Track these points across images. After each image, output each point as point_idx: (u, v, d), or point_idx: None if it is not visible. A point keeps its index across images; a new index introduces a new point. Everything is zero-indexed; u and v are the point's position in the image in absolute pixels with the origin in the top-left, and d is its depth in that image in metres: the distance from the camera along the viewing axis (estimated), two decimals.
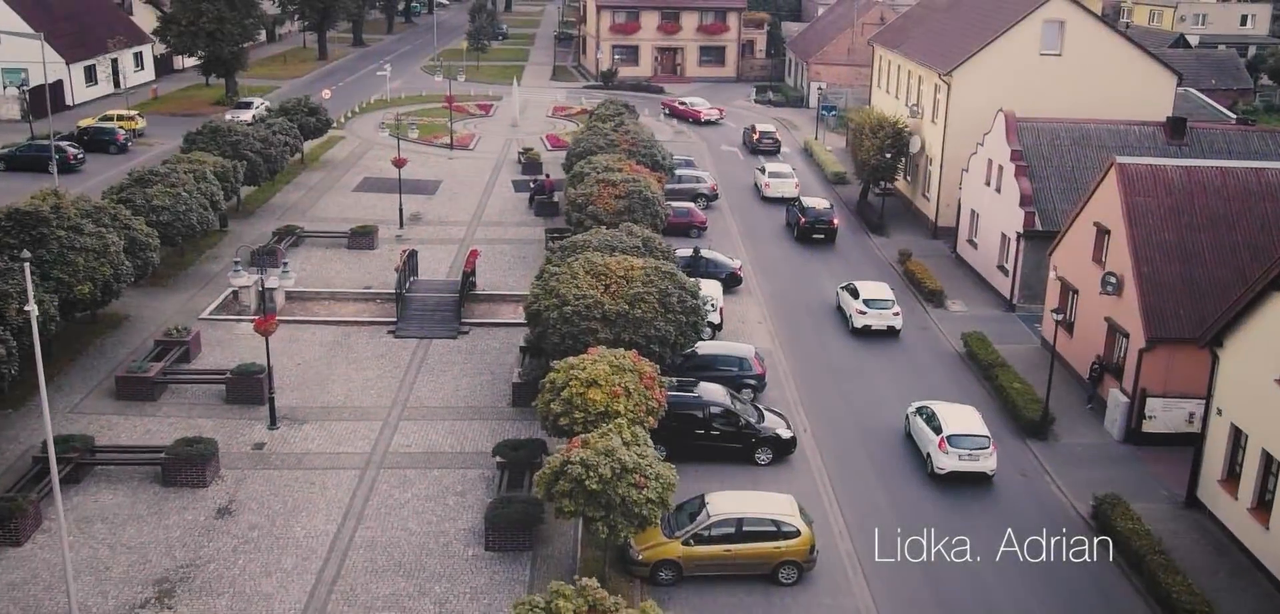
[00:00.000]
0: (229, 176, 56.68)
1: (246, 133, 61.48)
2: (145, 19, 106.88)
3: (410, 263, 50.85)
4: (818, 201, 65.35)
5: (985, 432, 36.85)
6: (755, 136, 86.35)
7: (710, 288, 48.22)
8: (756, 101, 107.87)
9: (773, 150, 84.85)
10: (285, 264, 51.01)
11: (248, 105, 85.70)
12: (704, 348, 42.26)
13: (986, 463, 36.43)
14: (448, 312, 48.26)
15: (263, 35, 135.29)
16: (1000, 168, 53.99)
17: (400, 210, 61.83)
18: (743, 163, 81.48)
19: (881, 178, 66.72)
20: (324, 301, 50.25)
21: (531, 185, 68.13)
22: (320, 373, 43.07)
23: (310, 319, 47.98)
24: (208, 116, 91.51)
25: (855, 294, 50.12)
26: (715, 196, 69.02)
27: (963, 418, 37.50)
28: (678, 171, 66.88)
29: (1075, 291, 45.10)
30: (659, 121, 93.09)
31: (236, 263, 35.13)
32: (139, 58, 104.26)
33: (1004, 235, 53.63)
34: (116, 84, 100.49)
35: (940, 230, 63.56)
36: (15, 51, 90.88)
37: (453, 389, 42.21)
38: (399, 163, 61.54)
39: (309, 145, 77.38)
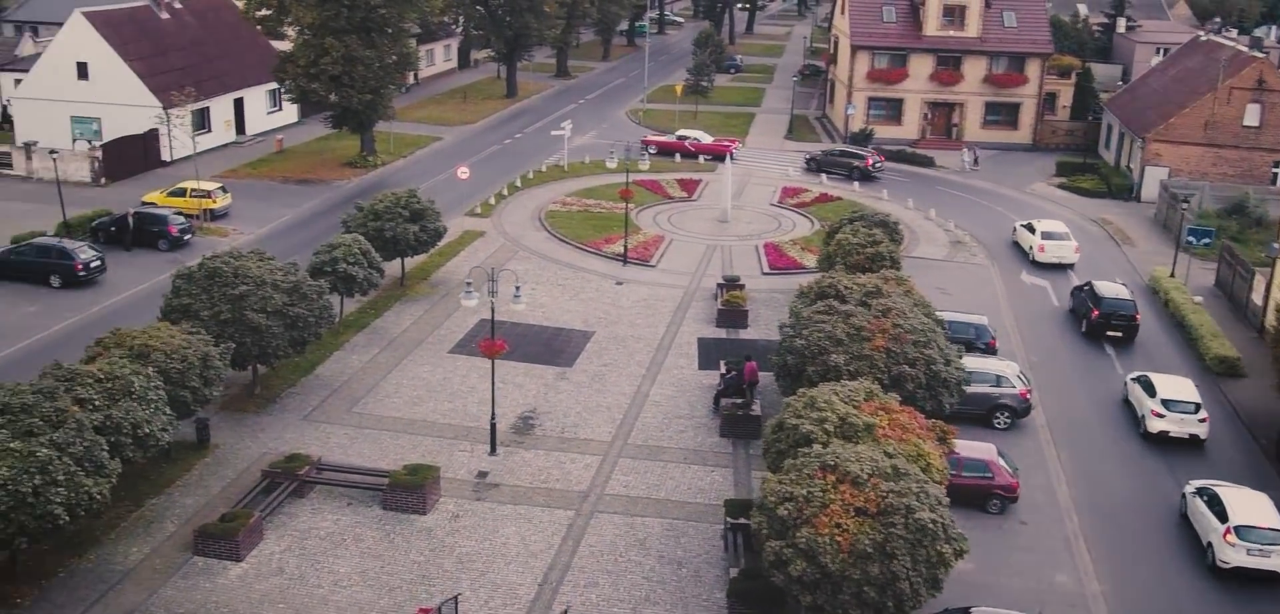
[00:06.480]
0: (191, 373, 33.19)
1: (262, 278, 38.01)
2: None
3: None
4: (1114, 287, 51.14)
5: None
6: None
7: None
8: (1058, 186, 78.02)
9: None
10: None
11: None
12: None
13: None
14: None
15: (452, 64, 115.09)
16: None
17: (492, 430, 37.04)
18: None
19: None
20: None
21: (723, 372, 42.04)
22: None
23: None
24: (333, 182, 70.81)
25: (1150, 390, 40.64)
26: (1027, 409, 41.04)
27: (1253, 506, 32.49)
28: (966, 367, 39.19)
29: None
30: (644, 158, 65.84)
31: None
32: (275, 96, 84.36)
33: None
34: (240, 130, 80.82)
35: None
36: (104, 89, 72.11)
37: None
38: (491, 349, 36.72)
39: (413, 262, 53.99)
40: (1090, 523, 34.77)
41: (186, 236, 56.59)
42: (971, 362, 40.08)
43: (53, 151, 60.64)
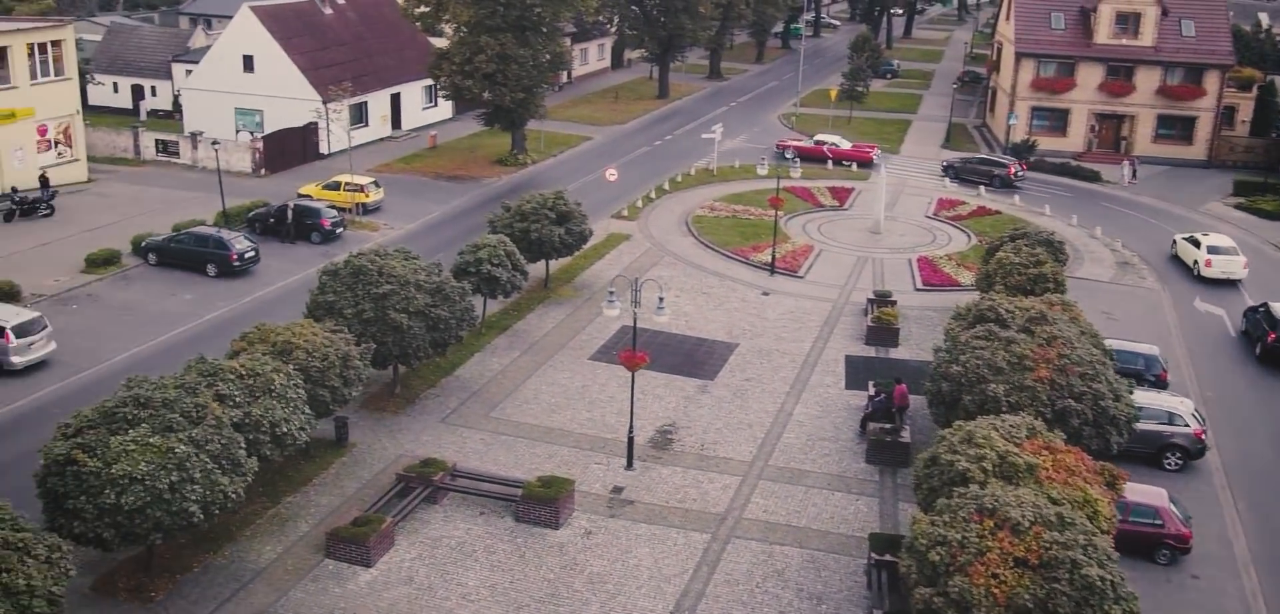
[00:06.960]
0: (331, 372, 33.12)
1: (405, 278, 37.82)
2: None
3: None
4: None
5: None
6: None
7: None
8: (1236, 206, 73.12)
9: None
10: None
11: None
12: None
13: None
14: None
15: (605, 63, 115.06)
16: None
17: (629, 444, 36.11)
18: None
19: None
20: None
21: (871, 394, 40.23)
22: None
23: None
24: (482, 180, 71.10)
25: None
26: (1202, 450, 38.08)
27: None
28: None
29: None
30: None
31: None
32: (431, 92, 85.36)
33: None
34: (396, 125, 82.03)
35: None
36: (267, 81, 73.90)
37: None
38: (632, 361, 35.77)
39: (557, 264, 53.52)
40: (1270, 579, 31.90)
41: (338, 230, 57.34)
42: (1141, 396, 37.34)
43: (215, 142, 62.24)
